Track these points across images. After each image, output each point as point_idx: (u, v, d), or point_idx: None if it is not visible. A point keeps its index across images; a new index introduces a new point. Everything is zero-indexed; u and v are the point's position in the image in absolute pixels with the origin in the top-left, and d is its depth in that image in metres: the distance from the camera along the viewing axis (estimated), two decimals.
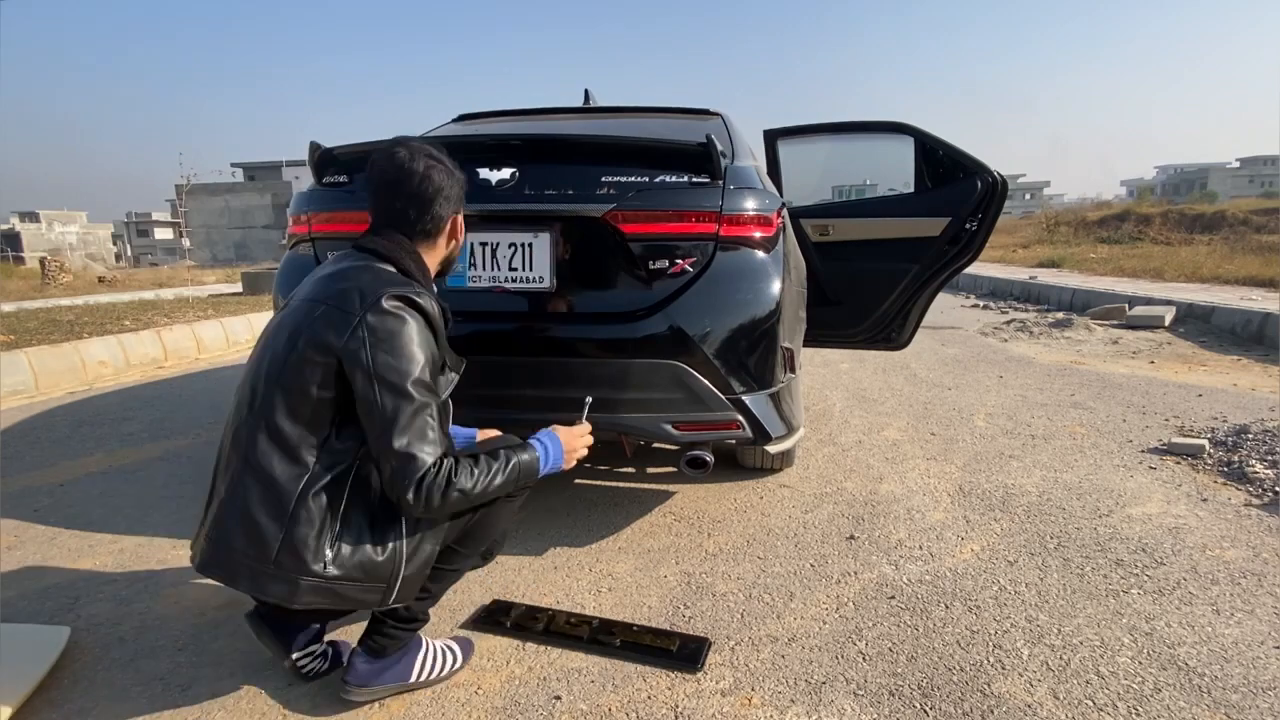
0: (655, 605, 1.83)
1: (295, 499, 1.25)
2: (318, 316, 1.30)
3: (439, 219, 1.46)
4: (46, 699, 1.49)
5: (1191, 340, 5.63)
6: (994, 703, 1.44)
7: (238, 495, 1.28)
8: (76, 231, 43.21)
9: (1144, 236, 17.05)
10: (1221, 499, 2.46)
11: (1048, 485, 2.63)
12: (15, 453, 3.22)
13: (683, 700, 1.46)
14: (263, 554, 1.25)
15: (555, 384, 1.98)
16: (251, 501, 1.26)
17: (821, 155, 3.45)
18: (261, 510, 1.25)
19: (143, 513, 2.50)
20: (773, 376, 2.03)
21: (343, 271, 1.38)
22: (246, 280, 11.02)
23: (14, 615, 1.80)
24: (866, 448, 3.11)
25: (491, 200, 1.95)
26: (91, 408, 4.08)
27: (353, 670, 1.43)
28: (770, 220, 2.03)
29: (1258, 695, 1.45)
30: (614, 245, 1.95)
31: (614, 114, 2.96)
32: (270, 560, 1.25)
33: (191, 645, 1.68)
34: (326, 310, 1.30)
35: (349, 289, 1.31)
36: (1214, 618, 1.73)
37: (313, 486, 1.26)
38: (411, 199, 1.42)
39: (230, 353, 6.19)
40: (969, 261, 2.85)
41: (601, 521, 2.35)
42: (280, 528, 1.24)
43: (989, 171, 2.77)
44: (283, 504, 1.25)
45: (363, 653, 1.44)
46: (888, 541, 2.18)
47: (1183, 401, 3.76)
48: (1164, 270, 9.65)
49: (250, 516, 1.26)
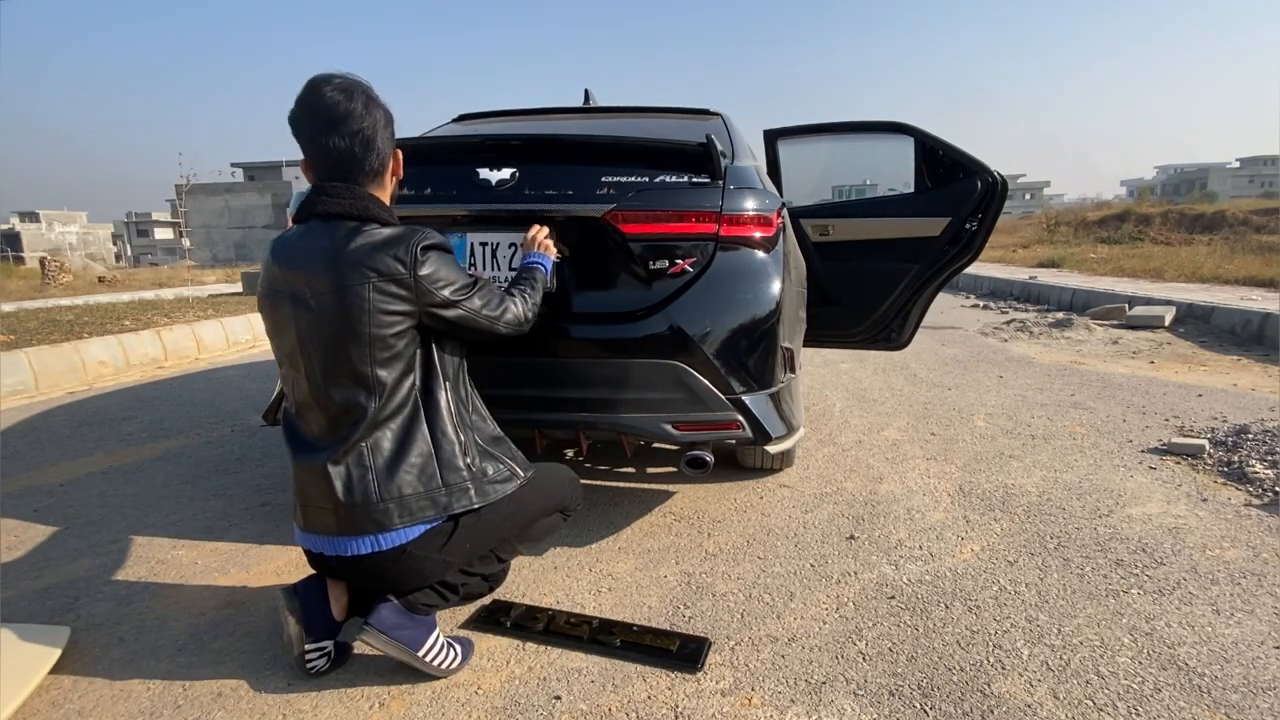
0: (655, 605, 1.83)
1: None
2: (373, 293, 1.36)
3: (384, 155, 1.47)
4: (46, 699, 1.49)
5: (1191, 340, 5.63)
6: (994, 703, 1.44)
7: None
8: (76, 231, 43.21)
9: (1144, 236, 17.05)
10: (1221, 499, 2.46)
11: (1048, 485, 2.63)
12: (15, 453, 3.23)
13: (683, 700, 1.46)
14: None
15: (555, 384, 1.98)
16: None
17: (821, 155, 3.45)
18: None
19: (143, 513, 2.50)
20: (773, 376, 2.03)
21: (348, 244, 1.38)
22: (246, 280, 11.02)
23: (14, 615, 1.81)
24: (866, 448, 3.11)
25: (492, 200, 1.95)
26: (91, 408, 4.09)
27: (377, 614, 1.47)
28: (770, 220, 2.03)
29: (1258, 695, 1.45)
30: (614, 245, 1.95)
31: (614, 114, 2.96)
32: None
33: (191, 645, 1.68)
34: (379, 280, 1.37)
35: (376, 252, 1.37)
36: (1214, 618, 1.73)
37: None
38: (354, 137, 1.41)
39: (230, 353, 6.19)
40: (969, 261, 2.85)
41: (601, 521, 2.35)
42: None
43: (989, 171, 2.76)
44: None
45: (394, 602, 1.48)
46: (888, 541, 2.18)
47: (1183, 401, 3.76)
48: (1164, 270, 9.65)
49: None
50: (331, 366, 1.40)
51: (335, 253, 1.38)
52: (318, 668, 1.52)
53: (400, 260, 1.39)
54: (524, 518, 1.61)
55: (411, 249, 1.40)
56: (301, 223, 1.47)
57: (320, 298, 1.38)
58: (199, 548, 2.21)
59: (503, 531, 1.58)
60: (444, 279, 1.45)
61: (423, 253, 1.42)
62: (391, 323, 1.40)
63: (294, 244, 1.44)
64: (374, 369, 1.40)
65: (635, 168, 1.97)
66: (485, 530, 1.53)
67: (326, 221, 1.43)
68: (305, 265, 1.40)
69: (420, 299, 1.42)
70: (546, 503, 1.66)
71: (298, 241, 1.44)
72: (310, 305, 1.39)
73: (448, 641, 1.57)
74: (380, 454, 1.41)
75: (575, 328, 1.99)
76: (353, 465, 1.41)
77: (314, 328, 1.40)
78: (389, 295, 1.38)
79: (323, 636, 1.52)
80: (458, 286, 1.48)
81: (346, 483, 1.40)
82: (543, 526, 1.68)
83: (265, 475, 2.88)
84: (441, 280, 1.44)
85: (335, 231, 1.41)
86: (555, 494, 1.68)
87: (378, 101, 1.46)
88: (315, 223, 1.44)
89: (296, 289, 1.41)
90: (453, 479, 1.45)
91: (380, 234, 1.41)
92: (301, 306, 1.40)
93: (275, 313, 1.46)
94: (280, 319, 1.45)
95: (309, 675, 1.52)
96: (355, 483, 1.40)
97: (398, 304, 1.40)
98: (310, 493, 1.45)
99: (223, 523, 2.40)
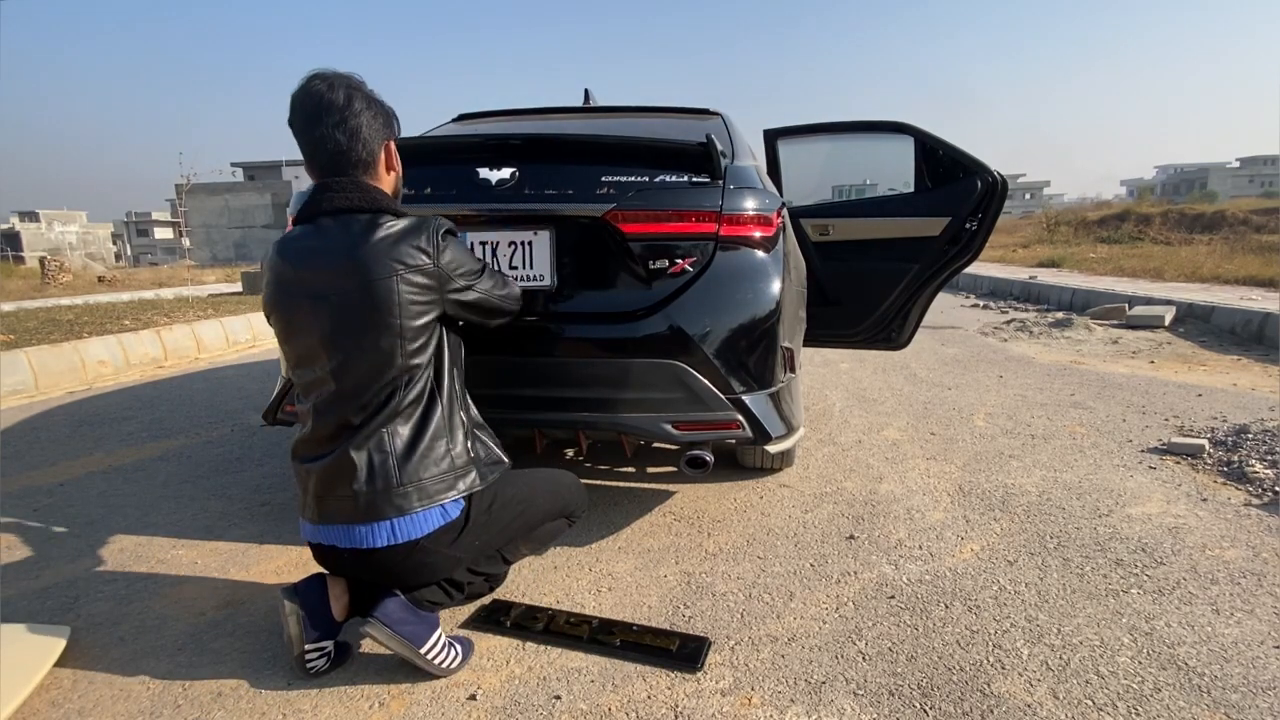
0: (655, 605, 1.83)
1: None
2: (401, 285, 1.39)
3: (371, 146, 1.48)
4: (46, 699, 1.49)
5: (1191, 340, 5.63)
6: (994, 702, 1.44)
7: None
8: (76, 231, 43.22)
9: (1144, 236, 17.05)
10: (1221, 499, 2.46)
11: (1047, 485, 2.63)
12: (15, 452, 3.23)
13: (683, 700, 1.46)
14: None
15: (555, 384, 1.98)
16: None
17: (821, 155, 3.45)
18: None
19: (143, 513, 2.50)
20: (773, 376, 2.03)
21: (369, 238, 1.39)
22: (246, 280, 11.02)
23: (14, 615, 1.80)
24: (866, 447, 3.11)
25: (491, 200, 1.95)
26: (91, 407, 4.09)
27: (383, 608, 1.48)
28: (770, 220, 2.03)
29: (1257, 695, 1.45)
30: (614, 245, 1.95)
31: (614, 114, 2.96)
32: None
33: (191, 645, 1.68)
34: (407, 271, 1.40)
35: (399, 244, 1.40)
36: (1214, 617, 1.73)
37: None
38: (339, 127, 1.43)
39: (230, 352, 6.19)
40: (969, 261, 2.84)
41: (601, 521, 2.35)
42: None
43: (989, 171, 2.76)
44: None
45: (400, 597, 1.50)
46: (887, 541, 2.18)
47: (1182, 401, 3.76)
48: (1164, 270, 9.65)
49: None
50: (362, 360, 1.41)
51: (357, 248, 1.39)
52: (317, 668, 1.52)
53: (424, 250, 1.43)
54: (532, 519, 1.63)
55: (433, 238, 1.45)
56: (307, 222, 1.46)
57: (346, 295, 1.39)
58: (199, 547, 2.21)
59: (511, 531, 1.60)
60: (462, 264, 1.52)
61: (443, 240, 1.47)
62: (420, 312, 1.43)
63: (305, 243, 1.44)
64: (405, 359, 1.42)
65: (635, 167, 1.96)
66: (495, 529, 1.55)
67: (337, 217, 1.43)
68: (325, 263, 1.40)
69: (443, 285, 1.47)
70: (554, 506, 1.68)
71: (309, 240, 1.43)
72: (335, 303, 1.39)
73: (449, 641, 1.58)
74: (399, 439, 1.43)
75: (575, 327, 1.99)
76: (374, 451, 1.41)
77: (342, 325, 1.40)
78: (416, 286, 1.42)
79: (323, 636, 1.52)
80: (473, 270, 1.56)
81: (369, 468, 1.41)
82: (549, 530, 1.70)
83: (265, 475, 2.88)
84: (460, 266, 1.51)
85: (350, 227, 1.41)
86: (563, 498, 1.71)
87: (363, 93, 1.47)
88: (325, 220, 1.43)
89: (317, 288, 1.40)
90: (460, 462, 1.48)
91: (398, 225, 1.43)
92: (324, 304, 1.40)
93: (291, 315, 1.45)
94: (299, 320, 1.44)
95: (308, 675, 1.52)
96: (377, 468, 1.41)
97: (424, 294, 1.44)
98: (329, 482, 1.44)
99: (223, 522, 2.40)
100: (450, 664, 1.55)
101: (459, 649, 1.58)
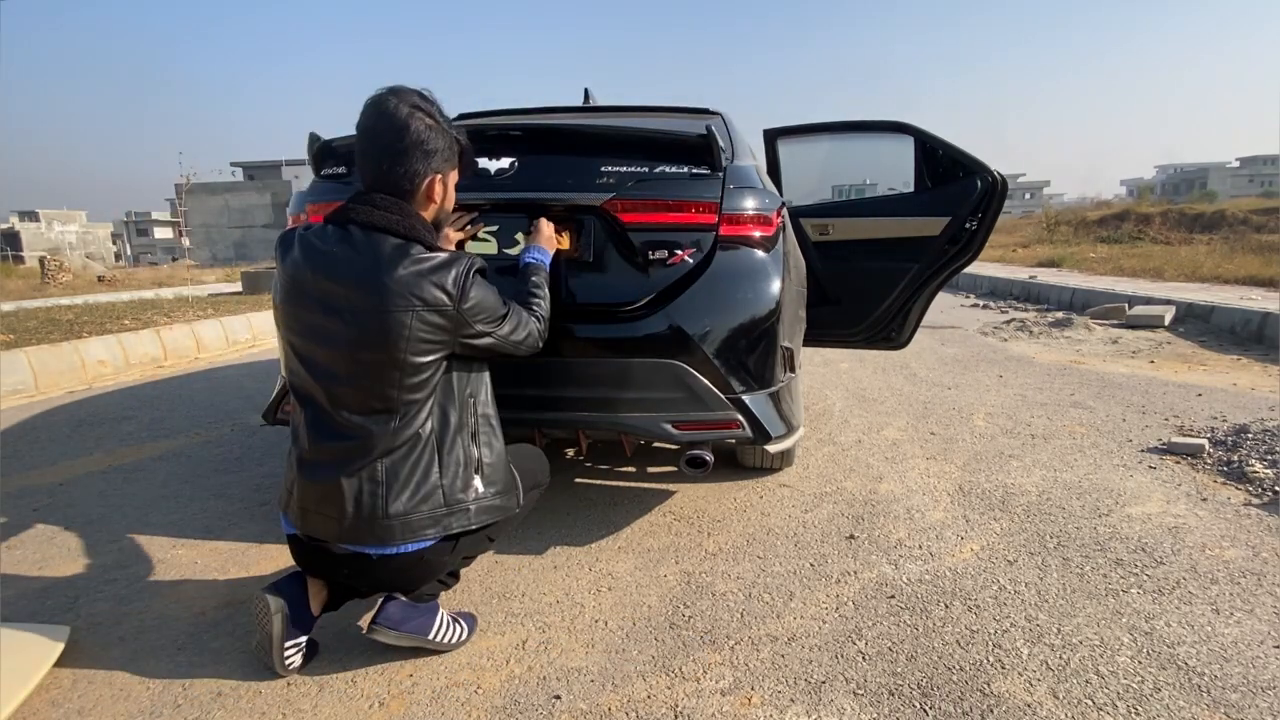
0: (655, 604, 1.83)
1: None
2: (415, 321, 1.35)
3: (414, 175, 1.42)
4: (46, 699, 1.49)
5: (1191, 340, 5.63)
6: (993, 702, 1.44)
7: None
8: (76, 231, 43.22)
9: (1144, 236, 17.04)
10: (1221, 498, 2.46)
11: (1047, 485, 2.63)
12: (15, 452, 3.22)
13: (682, 699, 1.46)
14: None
15: (555, 383, 1.98)
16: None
17: (821, 155, 3.45)
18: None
19: (143, 512, 2.50)
20: (772, 376, 2.03)
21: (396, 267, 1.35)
22: (246, 279, 11.02)
23: (14, 615, 1.80)
24: (866, 447, 3.11)
25: (490, 189, 1.95)
26: (91, 407, 4.09)
27: (384, 613, 1.53)
28: (770, 219, 2.03)
29: (1257, 695, 1.45)
30: (613, 234, 1.95)
31: (613, 113, 2.96)
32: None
33: (191, 645, 1.68)
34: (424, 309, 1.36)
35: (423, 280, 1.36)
36: (1213, 617, 1.73)
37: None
38: (386, 150, 1.40)
39: (229, 352, 6.19)
40: (969, 261, 2.85)
41: (601, 521, 2.35)
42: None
43: (989, 171, 2.76)
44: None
45: (399, 599, 1.54)
46: (887, 541, 2.18)
47: (1182, 401, 3.76)
48: (1164, 270, 9.65)
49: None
50: (358, 384, 1.39)
51: (381, 273, 1.35)
52: (294, 664, 1.54)
53: (447, 292, 1.38)
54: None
55: (459, 280, 1.40)
56: (337, 225, 1.41)
57: (358, 315, 1.35)
58: (199, 547, 2.21)
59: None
60: (484, 310, 1.46)
61: (470, 283, 1.42)
62: (427, 349, 1.39)
63: (330, 248, 1.39)
64: (401, 393, 1.39)
65: (635, 158, 1.96)
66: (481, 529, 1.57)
67: (367, 233, 1.38)
68: (346, 277, 1.36)
69: (458, 329, 1.43)
70: (527, 482, 1.69)
71: (334, 246, 1.38)
72: (345, 319, 1.36)
73: (452, 619, 1.63)
74: (393, 473, 1.40)
75: (574, 324, 1.99)
76: (365, 480, 1.40)
77: (346, 343, 1.37)
78: (429, 325, 1.38)
79: (301, 632, 1.54)
80: (495, 316, 1.50)
81: (356, 497, 1.40)
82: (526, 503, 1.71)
83: (265, 475, 2.87)
84: (482, 312, 1.46)
85: (378, 247, 1.37)
86: (533, 474, 1.72)
87: (427, 121, 1.42)
88: (355, 230, 1.39)
89: (332, 300, 1.37)
90: (456, 502, 1.46)
91: (428, 260, 1.38)
92: (335, 318, 1.37)
93: (300, 317, 1.42)
94: (308, 326, 1.41)
95: (285, 672, 1.53)
96: (365, 498, 1.40)
97: (436, 333, 1.40)
98: (314, 500, 1.44)
99: (223, 522, 2.40)
100: (458, 639, 1.62)
101: (464, 624, 1.65)
